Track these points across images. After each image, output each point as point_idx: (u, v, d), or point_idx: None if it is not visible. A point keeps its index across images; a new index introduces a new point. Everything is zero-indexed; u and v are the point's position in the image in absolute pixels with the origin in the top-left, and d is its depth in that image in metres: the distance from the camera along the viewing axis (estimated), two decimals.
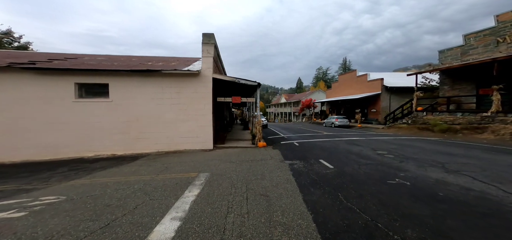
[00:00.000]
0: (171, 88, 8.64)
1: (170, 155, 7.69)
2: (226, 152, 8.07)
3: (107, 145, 8.06)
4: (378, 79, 20.72)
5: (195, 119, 8.95)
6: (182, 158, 7.07)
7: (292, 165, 5.71)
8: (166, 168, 5.65)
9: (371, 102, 21.46)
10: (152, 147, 8.53)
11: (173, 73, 8.53)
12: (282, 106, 58.15)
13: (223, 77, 9.62)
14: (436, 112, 12.91)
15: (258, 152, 7.92)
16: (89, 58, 9.66)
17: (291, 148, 8.90)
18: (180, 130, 8.82)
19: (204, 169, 5.46)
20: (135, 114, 8.32)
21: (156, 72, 8.31)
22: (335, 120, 20.50)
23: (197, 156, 7.49)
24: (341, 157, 6.57)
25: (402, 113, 15.89)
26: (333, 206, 3.11)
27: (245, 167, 5.61)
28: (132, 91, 8.23)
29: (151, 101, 8.46)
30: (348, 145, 8.86)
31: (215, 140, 10.00)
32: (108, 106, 8.02)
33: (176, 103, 8.75)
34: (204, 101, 9.01)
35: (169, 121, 8.70)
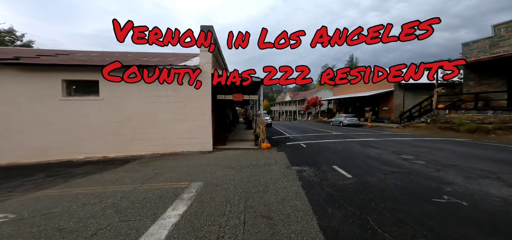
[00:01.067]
0: (166, 85, 7.92)
1: (164, 158, 6.99)
2: (226, 155, 7.29)
3: (99, 147, 7.45)
4: (432, 64, 19.20)
5: (192, 118, 8.22)
6: (177, 162, 6.34)
7: (300, 173, 4.84)
8: (155, 175, 4.92)
9: (383, 100, 20.14)
10: (147, 149, 7.86)
11: (168, 68, 7.80)
12: (287, 105, 56.97)
13: (223, 73, 8.84)
14: (460, 110, 11.61)
15: (261, 155, 7.09)
16: (82, 55, 9.13)
17: (298, 150, 8.00)
18: (176, 131, 8.11)
19: (197, 177, 4.68)
20: (128, 113, 7.66)
21: (149, 68, 7.61)
22: (343, 118, 19.34)
23: (194, 159, 6.75)
24: (359, 162, 5.63)
25: (419, 111, 14.59)
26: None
27: (246, 175, 4.79)
28: (125, 88, 7.58)
29: (145, 99, 7.79)
30: (363, 148, 7.87)
31: (215, 141, 9.26)
32: (99, 105, 7.40)
33: (172, 101, 8.04)
34: (203, 99, 8.26)
35: (165, 121, 8.01)
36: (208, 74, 8.29)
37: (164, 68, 7.69)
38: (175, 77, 7.89)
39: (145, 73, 6.69)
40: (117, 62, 5.63)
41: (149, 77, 6.55)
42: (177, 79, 7.92)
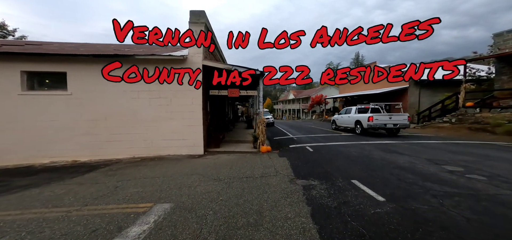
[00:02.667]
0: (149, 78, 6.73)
1: (143, 164, 5.81)
2: (218, 161, 6.06)
3: (68, 150, 6.34)
4: (432, 64, 17.54)
5: (180, 117, 7.03)
6: (155, 170, 5.15)
7: (308, 190, 3.55)
8: (115, 190, 3.73)
9: (395, 98, 18.46)
10: (126, 151, 6.72)
11: (150, 59, 6.63)
12: (290, 103, 55.44)
13: (215, 64, 7.59)
14: (494, 108, 10.01)
15: (259, 161, 5.83)
16: (57, 46, 8.05)
17: (303, 155, 6.69)
18: (161, 131, 6.94)
19: (168, 195, 3.46)
20: (102, 110, 6.53)
21: (127, 57, 6.45)
22: None
23: (178, 166, 5.54)
24: (388, 175, 4.28)
25: (443, 109, 12.95)
26: None
27: (235, 192, 3.54)
28: (98, 82, 6.42)
29: (123, 94, 6.63)
30: (385, 153, 6.47)
31: (208, 143, 8.05)
32: (67, 100, 6.28)
33: (156, 97, 6.86)
34: (192, 95, 7.06)
35: (148, 120, 6.84)
36: (199, 66, 7.07)
37: (145, 58, 6.53)
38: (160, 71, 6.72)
39: (132, 69, 5.49)
40: (117, 62, 5.17)
41: (129, 77, 5.31)
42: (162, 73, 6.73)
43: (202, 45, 7.16)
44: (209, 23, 7.82)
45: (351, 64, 73.93)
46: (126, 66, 6.54)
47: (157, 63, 6.75)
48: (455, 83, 14.23)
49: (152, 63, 6.73)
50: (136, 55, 6.42)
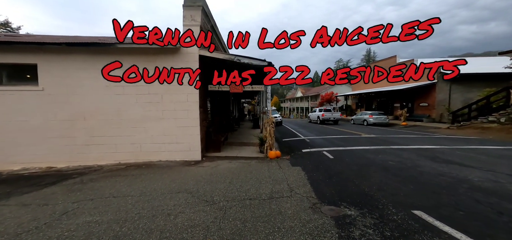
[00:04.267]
0: None
1: (124, 174, 4.74)
2: (216, 171, 4.89)
3: (42, 154, 5.41)
4: (432, 64, 15.55)
5: (172, 116, 5.93)
6: (134, 184, 4.05)
7: (346, 229, 2.31)
8: (59, 219, 2.63)
9: (420, 94, 16.50)
10: (110, 157, 5.71)
11: (136, 48, 5.54)
12: (298, 101, 53.60)
13: (215, 55, 6.39)
14: None
15: (266, 172, 4.60)
16: (41, 37, 7.17)
17: (322, 163, 5.37)
18: (151, 133, 5.87)
19: (129, 233, 2.31)
20: (80, 109, 5.53)
21: (108, 46, 5.39)
22: (368, 116, 16.10)
23: (164, 178, 4.42)
24: (467, 201, 2.94)
25: (487, 107, 10.99)
26: None
27: (231, 228, 2.38)
28: (75, 75, 5.44)
29: (106, 90, 5.60)
30: (438, 164, 5.01)
31: (207, 146, 6.92)
32: (38, 97, 5.32)
33: (144, 93, 5.79)
34: (188, 90, 5.93)
35: (135, 120, 5.79)
36: (195, 56, 5.93)
37: (130, 47, 5.44)
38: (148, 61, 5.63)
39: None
40: (117, 62, 4.79)
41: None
42: (151, 63, 5.65)
43: (200, 29, 6.02)
44: (207, 6, 6.64)
45: (362, 61, 70.63)
46: (109, 59, 5.53)
47: (145, 53, 5.68)
48: (496, 77, 12.26)
49: (140, 54, 5.65)
50: (116, 43, 5.34)
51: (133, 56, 5.64)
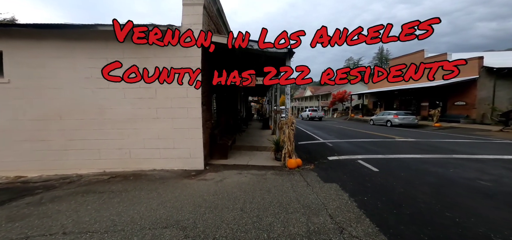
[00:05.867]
0: (125, 60, 4.57)
1: (102, 190, 3.61)
2: (221, 188, 3.67)
3: (10, 161, 4.40)
4: (472, 59, 13.55)
5: (169, 115, 4.78)
6: (106, 208, 2.90)
7: None
8: None
9: (456, 92, 14.51)
10: (93, 164, 4.64)
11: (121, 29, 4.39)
12: (307, 100, 51.73)
13: (222, 39, 5.16)
14: None
15: (290, 192, 3.34)
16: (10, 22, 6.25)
17: (367, 179, 4.02)
18: (142, 136, 4.75)
19: None
20: (56, 106, 4.48)
21: (89, 30, 4.28)
22: (393, 116, 14.36)
23: (151, 198, 3.24)
24: None
25: None
26: None
27: None
28: (49, 65, 4.39)
29: (86, 83, 4.52)
30: None
31: (212, 152, 5.74)
32: (3, 91, 4.29)
33: (134, 86, 4.67)
34: (188, 84, 4.76)
35: (123, 120, 4.68)
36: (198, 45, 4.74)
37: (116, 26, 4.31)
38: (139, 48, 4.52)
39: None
40: (117, 62, 4.33)
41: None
42: (143, 51, 4.53)
43: (203, 8, 4.82)
44: None
45: (374, 59, 67.23)
46: (94, 44, 4.46)
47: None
48: None
49: (125, 40, 4.52)
50: (98, 25, 4.23)
51: (121, 43, 4.52)
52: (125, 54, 4.59)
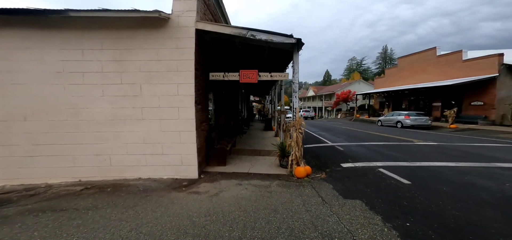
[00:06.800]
0: (103, 52, 3.87)
1: (62, 209, 2.89)
2: (217, 206, 2.94)
3: None
4: (490, 56, 12.73)
5: (157, 116, 4.07)
6: (57, 236, 2.16)
7: None
8: None
9: (473, 91, 13.59)
10: (65, 172, 3.94)
11: (101, 19, 3.71)
12: (310, 100, 50.86)
13: (220, 28, 4.44)
14: None
15: (302, 213, 2.62)
16: None
17: (397, 194, 3.25)
18: (125, 140, 4.04)
19: None
20: (20, 104, 3.78)
21: (61, 17, 3.59)
22: (404, 117, 13.49)
23: (124, 221, 2.51)
24: None
25: None
26: None
27: None
28: (12, 57, 3.71)
29: (57, 78, 3.83)
30: None
31: (208, 157, 5.01)
32: None
33: (114, 82, 3.96)
34: (179, 79, 4.06)
35: (100, 121, 3.97)
36: (190, 31, 4.05)
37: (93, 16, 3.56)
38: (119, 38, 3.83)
39: None
40: None
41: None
42: (125, 40, 3.84)
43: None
44: None
45: (378, 59, 66.19)
46: (62, 35, 3.78)
47: (115, 29, 3.85)
48: None
49: (106, 29, 3.83)
50: (70, 10, 3.54)
51: (98, 32, 3.83)
52: (104, 45, 3.90)
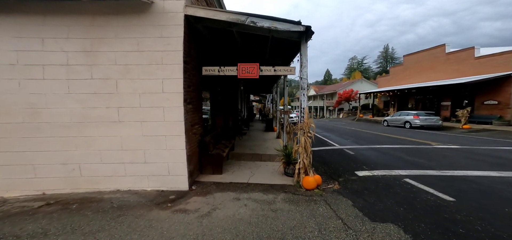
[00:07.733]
0: (69, 41, 3.18)
1: (30, 227, 2.19)
2: (207, 229, 2.28)
3: None
4: (506, 53, 12.07)
5: (138, 117, 3.38)
6: None
7: None
8: None
9: (486, 90, 12.88)
10: (26, 184, 3.26)
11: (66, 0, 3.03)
12: (310, 100, 50.12)
13: (214, 14, 3.73)
14: None
15: None
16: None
17: (448, 219, 2.54)
18: (97, 146, 3.35)
19: None
20: None
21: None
22: (413, 117, 12.77)
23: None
24: None
25: None
26: None
27: None
28: None
29: (10, 72, 3.15)
30: None
31: (202, 164, 4.31)
32: None
33: (83, 77, 3.28)
34: (164, 73, 3.37)
35: (67, 124, 3.30)
36: (178, 17, 3.37)
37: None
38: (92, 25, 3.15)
39: None
40: None
41: None
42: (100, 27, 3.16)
43: None
44: None
45: (379, 58, 65.45)
46: (20, 20, 3.10)
47: (87, 14, 3.16)
48: None
49: (75, 13, 3.14)
50: None
51: (64, 17, 3.13)
52: (71, 33, 3.20)
